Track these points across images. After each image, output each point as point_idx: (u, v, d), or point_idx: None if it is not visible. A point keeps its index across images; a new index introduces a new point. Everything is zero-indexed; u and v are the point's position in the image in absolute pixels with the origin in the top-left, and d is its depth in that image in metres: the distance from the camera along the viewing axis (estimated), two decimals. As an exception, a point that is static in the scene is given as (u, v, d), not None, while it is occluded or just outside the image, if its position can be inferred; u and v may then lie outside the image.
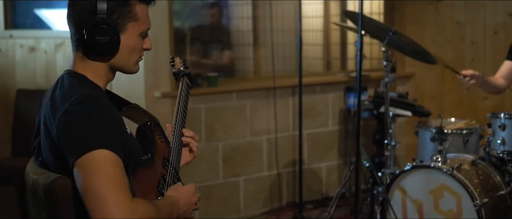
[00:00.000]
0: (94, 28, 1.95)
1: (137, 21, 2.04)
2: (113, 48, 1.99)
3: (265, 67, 6.33)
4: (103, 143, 1.82)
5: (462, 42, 5.81)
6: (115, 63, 2.04)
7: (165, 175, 2.12)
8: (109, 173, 1.79)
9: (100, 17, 1.95)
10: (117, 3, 1.99)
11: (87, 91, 1.93)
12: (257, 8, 6.29)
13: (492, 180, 3.82)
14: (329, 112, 5.47)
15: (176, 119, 2.36)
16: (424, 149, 4.34)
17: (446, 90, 5.89)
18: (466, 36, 5.79)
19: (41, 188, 1.90)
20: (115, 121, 1.93)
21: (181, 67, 2.60)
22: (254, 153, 5.09)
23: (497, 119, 3.70)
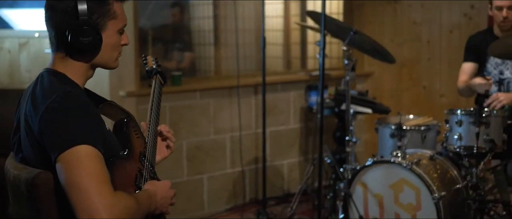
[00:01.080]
0: (77, 29, 2.01)
1: (116, 19, 2.12)
2: (97, 48, 2.07)
3: (226, 66, 6.40)
4: (85, 139, 1.88)
5: (419, 41, 5.98)
6: (97, 61, 2.11)
7: (142, 169, 2.19)
8: (91, 167, 1.86)
9: (83, 19, 2.02)
10: (97, 3, 2.06)
11: (67, 88, 1.99)
12: (218, 8, 6.36)
13: (449, 174, 3.98)
14: (291, 110, 5.58)
15: (150, 116, 2.43)
16: (384, 145, 4.47)
17: (403, 88, 6.05)
18: (423, 36, 5.96)
19: (24, 183, 1.95)
20: (95, 118, 2.00)
21: (154, 65, 2.67)
22: (218, 151, 5.17)
23: (454, 115, 3.85)
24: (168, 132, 2.56)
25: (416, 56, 5.95)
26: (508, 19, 4.33)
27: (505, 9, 4.32)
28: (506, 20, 4.34)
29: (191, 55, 6.17)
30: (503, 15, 4.32)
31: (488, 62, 4.49)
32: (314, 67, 6.24)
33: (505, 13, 4.31)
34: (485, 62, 4.50)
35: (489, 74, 4.49)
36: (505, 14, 4.31)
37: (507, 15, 4.32)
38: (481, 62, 4.54)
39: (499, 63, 4.43)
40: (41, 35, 4.66)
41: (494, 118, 3.76)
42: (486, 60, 4.50)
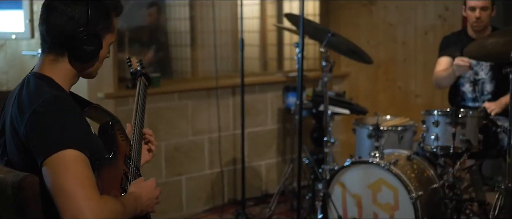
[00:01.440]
0: (85, 37, 2.03)
1: (113, 33, 2.17)
2: (95, 58, 2.10)
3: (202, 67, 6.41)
4: (71, 143, 1.90)
5: (394, 42, 6.04)
6: (86, 70, 2.13)
7: (127, 172, 2.20)
8: (77, 171, 1.88)
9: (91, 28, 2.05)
10: (102, 15, 2.10)
11: (53, 92, 2.00)
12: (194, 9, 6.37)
13: (426, 174, 4.04)
14: (268, 111, 5.61)
15: (135, 119, 2.44)
16: (361, 146, 4.52)
17: (379, 89, 6.12)
18: (398, 37, 6.03)
19: (10, 186, 1.95)
20: (82, 122, 2.01)
21: (138, 67, 2.68)
22: (196, 152, 5.18)
23: (431, 116, 3.91)
24: (150, 135, 2.58)
25: (392, 57, 6.02)
26: (481, 20, 4.42)
27: (478, 10, 4.40)
28: (478, 21, 4.42)
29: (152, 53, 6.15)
30: (476, 15, 4.40)
31: (462, 62, 4.56)
32: (290, 68, 6.28)
33: (478, 14, 4.39)
34: (460, 63, 4.57)
35: (463, 74, 4.56)
36: (478, 15, 4.39)
37: (480, 16, 4.40)
38: None
39: (473, 64, 4.50)
40: (18, 37, 4.63)
41: (470, 119, 3.83)
42: None
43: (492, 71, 4.49)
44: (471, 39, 4.49)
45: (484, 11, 4.40)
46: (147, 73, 2.70)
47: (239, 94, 5.32)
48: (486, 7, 4.40)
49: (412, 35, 5.98)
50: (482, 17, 4.40)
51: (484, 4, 4.39)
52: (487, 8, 4.40)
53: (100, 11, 2.07)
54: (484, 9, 4.40)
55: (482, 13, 4.39)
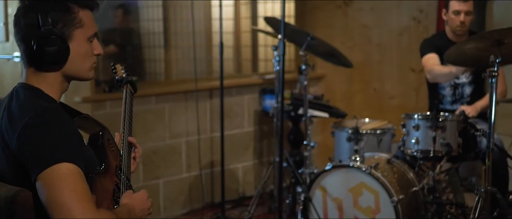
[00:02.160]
0: (42, 39, 1.99)
1: (83, 27, 2.09)
2: (63, 57, 2.04)
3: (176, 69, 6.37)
4: (66, 157, 1.87)
5: (369, 44, 6.08)
6: (68, 72, 2.09)
7: (118, 183, 2.18)
8: (73, 185, 1.85)
9: (46, 29, 2.00)
10: (61, 13, 2.04)
11: (45, 104, 1.97)
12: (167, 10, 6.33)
13: (406, 177, 4.07)
14: (245, 113, 5.60)
15: (124, 128, 2.41)
16: (340, 149, 4.54)
17: (355, 91, 6.14)
18: (373, 39, 6.07)
19: (3, 201, 1.92)
20: (75, 134, 1.98)
21: (124, 74, 2.65)
22: (173, 156, 5.16)
23: (411, 120, 3.93)
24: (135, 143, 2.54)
25: (367, 59, 6.04)
26: (465, 24, 4.44)
27: (462, 14, 4.41)
28: (462, 25, 4.43)
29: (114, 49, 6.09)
30: (460, 19, 4.41)
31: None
32: (265, 70, 6.27)
33: (462, 18, 4.41)
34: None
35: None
36: (463, 19, 4.41)
37: (464, 20, 4.42)
38: None
39: (454, 68, 4.53)
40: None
41: (450, 123, 3.86)
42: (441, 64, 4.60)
43: (473, 75, 4.52)
44: (451, 42, 4.51)
45: (468, 15, 4.43)
46: (133, 80, 2.67)
47: (216, 97, 5.31)
48: (470, 12, 4.43)
49: (386, 37, 6.02)
50: (466, 21, 4.42)
51: (469, 8, 4.41)
52: (471, 13, 4.43)
53: (56, 9, 2.02)
54: (468, 13, 4.42)
55: (466, 17, 4.42)
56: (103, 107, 4.72)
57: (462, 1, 4.40)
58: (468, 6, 4.41)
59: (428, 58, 4.58)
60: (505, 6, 5.50)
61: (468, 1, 4.42)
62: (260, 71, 6.34)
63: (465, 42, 3.69)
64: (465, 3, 4.40)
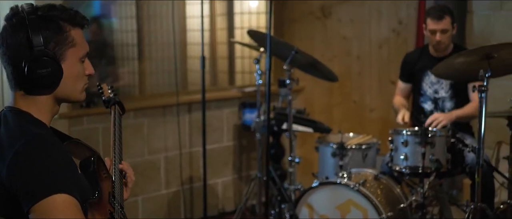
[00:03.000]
0: (34, 61, 1.87)
1: (76, 47, 1.97)
2: (57, 79, 1.92)
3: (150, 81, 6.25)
4: (60, 187, 1.75)
5: (349, 56, 6.02)
6: (60, 94, 1.97)
7: (112, 212, 2.05)
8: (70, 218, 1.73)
9: (38, 50, 1.88)
10: (52, 32, 1.92)
11: (36, 130, 1.85)
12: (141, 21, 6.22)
13: (393, 193, 4.00)
14: (224, 127, 5.49)
15: (114, 152, 2.29)
16: (325, 164, 4.46)
17: (334, 103, 6.08)
18: (353, 51, 6.01)
19: (-8, 235, 1.80)
20: (69, 162, 1.86)
21: (111, 94, 2.52)
22: (152, 172, 5.03)
23: (400, 135, 3.86)
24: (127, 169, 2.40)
25: (347, 71, 5.98)
26: (442, 42, 4.42)
27: (438, 33, 4.39)
28: (439, 43, 4.42)
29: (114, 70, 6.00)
30: (436, 39, 4.40)
31: (423, 81, 4.57)
32: (242, 83, 6.18)
33: (438, 37, 4.39)
34: (421, 81, 4.57)
35: (424, 92, 4.56)
36: (439, 38, 4.39)
37: (441, 39, 4.40)
38: (417, 80, 4.60)
39: (434, 82, 4.50)
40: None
41: (439, 138, 3.80)
42: (422, 79, 4.57)
43: (452, 89, 4.49)
44: (433, 57, 4.50)
45: (444, 33, 4.40)
46: (120, 101, 2.55)
47: (195, 111, 5.20)
48: (446, 30, 4.39)
49: (366, 49, 5.97)
50: (442, 40, 4.40)
51: (444, 27, 4.39)
52: (447, 30, 4.40)
53: (48, 29, 1.90)
54: (444, 31, 4.39)
55: (442, 36, 4.39)
56: (80, 123, 4.59)
57: (436, 21, 4.38)
58: (443, 25, 4.37)
59: (398, 84, 4.80)
60: (485, 19, 5.48)
61: (443, 20, 4.38)
62: (237, 83, 6.24)
63: (455, 56, 3.64)
64: (439, 22, 4.38)
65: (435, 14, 4.38)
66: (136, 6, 6.20)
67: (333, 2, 5.95)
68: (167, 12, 6.32)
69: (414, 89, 4.67)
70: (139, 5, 6.21)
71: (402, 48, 5.79)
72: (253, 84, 5.70)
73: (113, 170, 2.22)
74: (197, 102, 5.16)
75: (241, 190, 5.61)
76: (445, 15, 4.38)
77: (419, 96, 4.58)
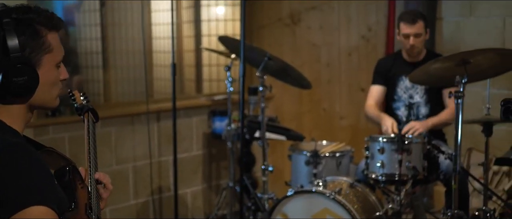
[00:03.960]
0: (10, 69, 1.75)
1: (52, 52, 1.87)
2: (33, 87, 1.81)
3: (115, 90, 6.12)
4: (38, 198, 1.65)
5: (318, 63, 5.97)
6: (35, 102, 1.86)
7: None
8: (48, 232, 1.63)
9: (14, 56, 1.76)
10: (29, 37, 1.81)
11: (11, 139, 1.74)
12: (106, 29, 6.10)
13: (369, 201, 3.95)
14: (194, 136, 5.39)
15: (90, 161, 2.18)
16: (299, 173, 4.39)
17: (304, 111, 6.02)
18: (322, 58, 5.96)
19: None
20: (46, 172, 1.76)
21: (83, 101, 2.41)
22: (120, 182, 4.90)
23: (376, 142, 3.81)
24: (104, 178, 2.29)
25: (316, 78, 5.92)
26: (415, 46, 4.40)
27: (411, 37, 4.38)
28: (413, 48, 4.40)
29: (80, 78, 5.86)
30: (410, 43, 4.38)
31: (398, 86, 4.54)
32: (210, 91, 6.09)
33: (412, 41, 4.37)
34: (395, 86, 4.54)
35: (399, 98, 4.53)
36: (412, 42, 4.37)
37: (414, 43, 4.38)
38: (391, 86, 4.57)
39: (409, 87, 4.48)
40: None
41: (415, 145, 3.76)
42: (396, 84, 4.54)
43: (427, 95, 4.47)
44: (407, 63, 4.48)
45: (417, 37, 4.38)
46: (93, 108, 2.43)
47: (164, 119, 5.10)
48: (419, 34, 4.38)
49: (336, 56, 5.92)
50: (416, 44, 4.38)
51: (417, 31, 4.37)
52: (421, 35, 4.39)
53: (24, 33, 1.79)
54: (418, 35, 4.38)
55: (415, 40, 4.38)
56: (45, 132, 4.45)
57: (409, 25, 4.37)
58: (416, 29, 4.36)
59: (371, 92, 4.67)
60: (454, 25, 5.49)
61: (416, 24, 4.37)
62: (205, 92, 6.15)
63: (431, 62, 3.61)
64: (413, 26, 4.36)
65: (409, 18, 4.36)
66: (101, 13, 6.09)
67: (302, 9, 5.90)
68: (132, 19, 6.21)
69: (388, 95, 4.63)
70: (104, 13, 6.09)
71: (371, 55, 5.76)
72: (221, 92, 5.62)
73: (88, 180, 2.11)
74: (165, 111, 5.06)
75: (211, 200, 5.51)
76: (418, 19, 4.36)
77: (393, 102, 4.55)
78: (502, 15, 5.18)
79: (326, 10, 5.88)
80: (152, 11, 6.82)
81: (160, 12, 6.73)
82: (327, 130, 5.91)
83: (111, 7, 6.28)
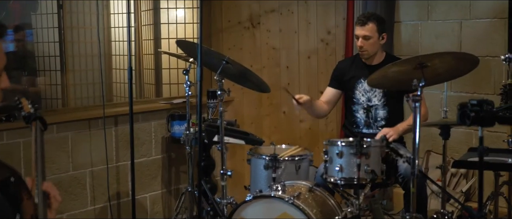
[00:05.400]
0: None
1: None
2: None
3: (73, 93, 6.04)
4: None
5: (278, 67, 5.95)
6: None
7: (37, 237, 1.89)
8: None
9: None
10: None
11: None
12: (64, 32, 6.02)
13: (328, 205, 3.93)
14: (152, 140, 5.32)
15: (37, 171, 2.11)
16: (258, 177, 4.35)
17: (264, 114, 5.99)
18: (282, 61, 5.94)
19: None
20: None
21: (31, 109, 2.33)
22: (77, 188, 4.81)
23: (335, 146, 3.79)
24: (51, 189, 2.21)
25: (276, 81, 5.91)
26: (364, 48, 4.41)
27: (360, 39, 4.40)
28: (362, 49, 4.42)
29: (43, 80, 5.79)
30: (358, 44, 4.41)
31: (357, 88, 4.54)
32: (169, 94, 6.04)
33: (360, 43, 4.40)
34: (354, 89, 4.54)
35: (357, 101, 4.53)
36: (360, 44, 4.41)
37: (362, 45, 4.40)
38: (350, 88, 4.57)
39: (367, 90, 4.48)
40: None
41: (374, 149, 3.74)
42: (355, 87, 4.54)
43: (385, 98, 4.48)
44: (365, 65, 4.49)
45: (366, 40, 4.40)
46: (42, 116, 2.36)
47: (121, 124, 5.03)
48: (369, 36, 4.39)
49: (295, 59, 5.91)
50: (364, 46, 4.40)
51: (366, 33, 4.38)
52: (370, 37, 4.39)
53: None
54: (366, 38, 4.39)
55: (364, 42, 4.40)
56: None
57: (360, 26, 4.41)
58: (365, 31, 4.38)
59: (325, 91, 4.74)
60: (412, 28, 5.52)
61: (366, 25, 4.39)
62: (165, 95, 6.09)
63: (389, 66, 3.60)
64: (362, 27, 4.39)
65: (359, 20, 4.41)
66: (58, 16, 6.00)
67: (262, 12, 5.88)
68: (90, 22, 6.14)
69: (347, 98, 4.63)
70: (61, 15, 6.01)
71: (331, 58, 5.77)
72: (181, 95, 5.57)
73: (35, 191, 2.04)
74: (123, 115, 4.99)
75: (170, 204, 5.45)
76: (369, 21, 4.38)
77: (352, 105, 4.55)
78: (459, 18, 5.23)
79: (285, 13, 5.86)
80: (111, 13, 6.75)
81: (119, 15, 6.66)
82: (287, 133, 5.90)
83: (69, 9, 6.19)
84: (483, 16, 5.08)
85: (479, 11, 5.10)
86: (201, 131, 3.87)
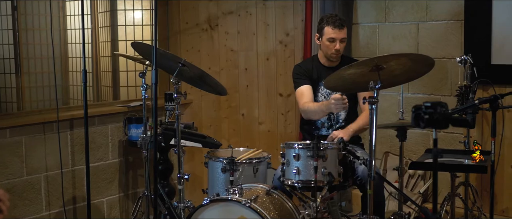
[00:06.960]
0: None
1: None
2: None
3: (29, 97, 5.94)
4: None
5: (237, 69, 5.92)
6: None
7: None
8: None
9: None
10: None
11: None
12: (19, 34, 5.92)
13: (286, 208, 3.91)
14: (109, 144, 5.25)
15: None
16: (215, 180, 4.32)
17: (222, 117, 5.96)
18: (240, 63, 5.92)
19: None
20: None
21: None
22: (32, 193, 4.72)
23: (291, 149, 3.77)
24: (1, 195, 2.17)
25: (234, 84, 5.88)
26: (340, 51, 4.41)
27: (338, 42, 4.37)
28: (338, 52, 4.40)
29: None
30: (336, 47, 4.37)
31: (318, 91, 4.53)
32: (127, 97, 5.97)
33: (338, 46, 4.37)
34: (316, 91, 4.54)
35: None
36: (338, 47, 4.37)
37: (339, 48, 4.39)
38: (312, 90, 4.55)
39: (329, 92, 4.48)
40: None
41: (331, 151, 3.74)
42: (317, 89, 4.53)
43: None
44: (325, 67, 4.49)
45: (342, 43, 4.41)
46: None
47: (77, 127, 4.95)
48: (345, 39, 4.40)
49: (254, 61, 5.89)
50: (341, 48, 4.40)
51: (344, 35, 4.39)
52: (346, 39, 4.41)
53: None
54: (343, 41, 4.41)
55: (341, 45, 4.40)
56: None
57: (337, 29, 4.37)
58: (343, 34, 4.39)
59: (301, 93, 4.52)
60: (370, 30, 5.54)
61: (343, 29, 4.39)
62: (122, 98, 6.02)
63: (345, 68, 3.59)
64: (340, 31, 4.38)
65: (337, 23, 4.36)
66: (13, 18, 5.90)
67: (220, 13, 5.84)
68: (46, 24, 6.05)
69: None
70: (16, 17, 5.91)
71: (289, 60, 5.76)
72: (139, 98, 5.51)
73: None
74: (79, 118, 4.90)
75: (128, 209, 5.38)
76: (344, 24, 4.39)
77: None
78: (416, 20, 5.26)
79: (244, 15, 5.84)
80: (67, 15, 6.66)
81: (75, 16, 6.57)
82: (246, 135, 5.88)
83: (24, 11, 6.09)
84: (440, 18, 5.12)
85: (435, 13, 5.14)
86: (157, 134, 3.83)
